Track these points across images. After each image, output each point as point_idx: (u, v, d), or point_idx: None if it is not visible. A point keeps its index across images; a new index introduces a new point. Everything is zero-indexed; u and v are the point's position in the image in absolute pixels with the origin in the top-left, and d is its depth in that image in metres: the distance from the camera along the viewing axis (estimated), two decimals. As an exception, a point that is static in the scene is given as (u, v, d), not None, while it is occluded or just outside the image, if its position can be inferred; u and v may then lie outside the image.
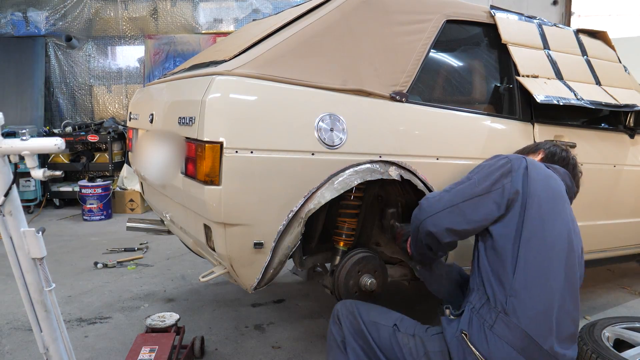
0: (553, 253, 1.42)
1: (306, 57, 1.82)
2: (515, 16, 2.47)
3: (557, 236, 1.43)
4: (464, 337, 1.41)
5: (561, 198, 1.51)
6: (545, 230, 1.42)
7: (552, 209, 1.46)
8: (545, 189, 1.48)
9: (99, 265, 3.62)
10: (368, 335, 1.54)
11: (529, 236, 1.41)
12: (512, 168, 1.49)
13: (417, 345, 1.49)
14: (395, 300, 2.99)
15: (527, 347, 1.35)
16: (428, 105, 2.05)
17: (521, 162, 1.51)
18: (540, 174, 1.50)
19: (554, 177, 1.55)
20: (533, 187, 1.46)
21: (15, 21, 6.62)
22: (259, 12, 6.59)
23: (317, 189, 1.76)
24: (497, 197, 1.45)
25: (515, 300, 1.38)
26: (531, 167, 1.50)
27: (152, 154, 2.24)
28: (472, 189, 1.49)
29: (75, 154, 6.05)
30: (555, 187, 1.52)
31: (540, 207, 1.44)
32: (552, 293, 1.39)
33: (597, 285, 3.42)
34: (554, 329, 1.38)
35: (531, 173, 1.48)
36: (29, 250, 1.36)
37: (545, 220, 1.43)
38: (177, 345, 2.16)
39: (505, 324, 1.38)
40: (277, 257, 1.77)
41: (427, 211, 1.53)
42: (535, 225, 1.42)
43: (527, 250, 1.40)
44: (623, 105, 2.54)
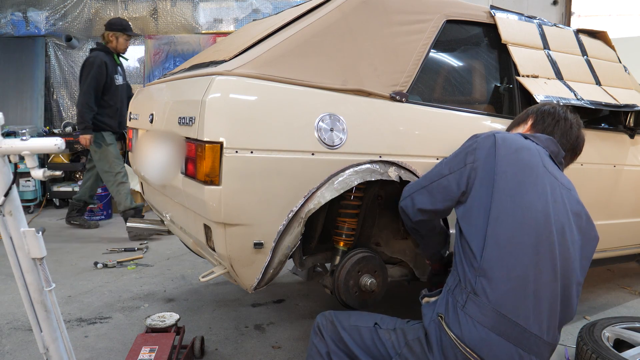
0: (523, 227, 1.38)
1: (306, 57, 1.82)
2: (515, 16, 2.47)
3: (528, 209, 1.39)
4: (440, 320, 1.43)
5: (533, 170, 1.45)
6: (515, 206, 1.39)
7: (521, 182, 1.42)
8: (514, 162, 1.45)
9: (99, 265, 3.62)
10: (350, 340, 1.54)
11: (497, 214, 1.40)
12: (477, 146, 1.51)
13: (399, 338, 1.50)
14: (395, 301, 2.99)
15: (499, 323, 1.34)
16: (428, 105, 2.05)
17: (488, 139, 1.51)
18: (509, 147, 1.48)
19: (526, 147, 1.50)
20: (500, 163, 1.44)
21: (15, 21, 6.62)
22: (259, 12, 6.59)
23: (317, 189, 1.76)
24: (458, 176, 1.50)
25: (484, 280, 1.37)
26: (500, 143, 1.48)
27: (152, 154, 2.24)
28: (440, 170, 1.57)
29: (75, 154, 6.05)
30: (527, 158, 1.47)
31: (507, 183, 1.42)
32: (523, 268, 1.36)
33: (597, 285, 3.42)
34: (530, 305, 1.36)
35: (499, 149, 1.47)
36: (29, 250, 1.37)
37: (515, 195, 1.40)
38: (177, 345, 2.16)
39: (475, 303, 1.37)
40: (277, 257, 1.77)
41: (403, 194, 1.69)
42: (504, 201, 1.40)
43: (496, 227, 1.39)
44: (623, 105, 2.54)
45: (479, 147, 1.51)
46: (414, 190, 1.64)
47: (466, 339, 1.36)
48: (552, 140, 1.63)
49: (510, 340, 1.35)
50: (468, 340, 1.36)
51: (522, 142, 1.53)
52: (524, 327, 1.35)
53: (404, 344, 1.48)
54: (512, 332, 1.35)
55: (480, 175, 1.47)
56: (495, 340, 1.34)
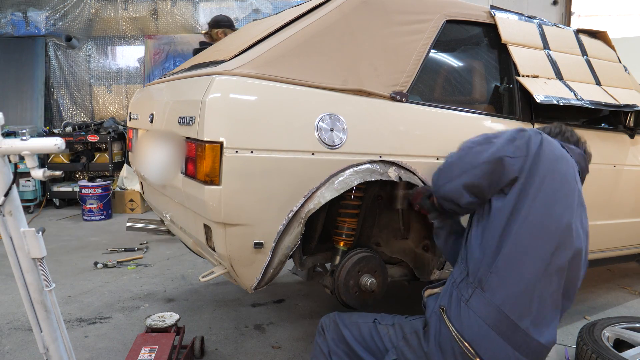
0: (546, 236, 1.39)
1: (306, 57, 1.82)
2: (515, 16, 2.47)
3: (555, 220, 1.40)
4: (442, 312, 1.43)
5: (568, 182, 1.45)
6: (544, 213, 1.39)
7: (555, 191, 1.41)
8: (553, 170, 1.43)
9: (99, 265, 3.62)
10: (350, 336, 1.57)
11: (525, 216, 1.38)
12: (530, 139, 1.44)
13: (397, 332, 1.52)
14: (395, 301, 2.99)
15: (500, 323, 1.35)
16: (428, 105, 2.05)
17: (537, 136, 1.46)
18: (552, 153, 1.45)
19: (565, 158, 1.49)
20: (541, 165, 1.41)
21: (15, 21, 6.62)
22: (259, 12, 6.59)
23: (317, 189, 1.76)
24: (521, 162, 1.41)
25: (495, 277, 1.37)
26: (546, 144, 1.45)
27: (152, 154, 2.24)
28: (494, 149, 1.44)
29: (75, 154, 6.06)
30: (564, 170, 1.46)
31: (544, 188, 1.40)
32: (536, 274, 1.37)
33: (597, 285, 3.42)
34: (534, 309, 1.37)
35: (545, 150, 1.43)
36: (29, 250, 1.36)
37: (546, 203, 1.39)
38: (177, 345, 2.16)
39: (480, 299, 1.38)
40: (277, 257, 1.78)
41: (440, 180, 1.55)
42: (536, 206, 1.39)
43: (521, 229, 1.38)
44: (623, 105, 2.54)
45: (531, 141, 1.44)
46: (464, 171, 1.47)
47: (466, 333, 1.37)
48: (583, 157, 1.64)
49: (509, 341, 1.35)
50: (467, 335, 1.37)
51: (561, 151, 1.52)
52: (525, 332, 1.36)
53: (401, 337, 1.51)
54: (513, 335, 1.35)
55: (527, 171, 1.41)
56: (494, 339, 1.35)
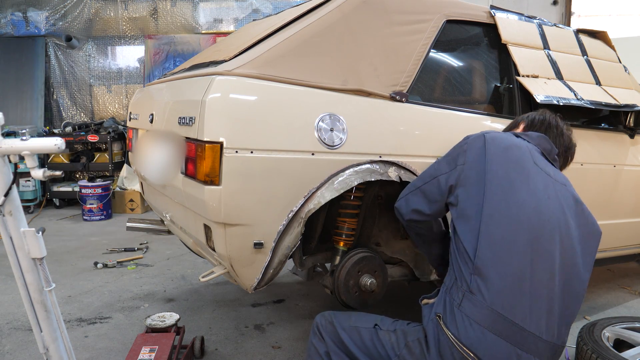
0: (516, 225, 1.38)
1: (306, 57, 1.82)
2: (515, 16, 2.47)
3: (520, 207, 1.40)
4: (438, 320, 1.43)
5: (523, 167, 1.46)
6: (507, 204, 1.40)
7: (512, 180, 1.43)
8: (504, 161, 1.46)
9: (99, 265, 3.62)
10: (349, 341, 1.54)
11: (491, 212, 1.40)
12: (467, 148, 1.54)
13: (399, 338, 1.50)
14: (396, 301, 2.99)
15: (495, 322, 1.34)
16: (428, 105, 2.05)
17: (478, 140, 1.52)
18: (499, 146, 1.49)
19: (515, 145, 1.51)
20: (490, 162, 1.46)
21: (15, 21, 6.63)
22: (259, 12, 6.59)
23: (317, 189, 1.76)
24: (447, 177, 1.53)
25: (478, 279, 1.37)
26: (489, 142, 1.50)
27: (152, 154, 2.24)
28: (433, 172, 1.60)
29: (75, 154, 6.06)
30: (516, 156, 1.48)
31: (499, 181, 1.43)
32: (518, 266, 1.36)
33: (597, 285, 3.42)
34: (526, 303, 1.35)
35: (489, 149, 1.48)
36: (29, 250, 1.36)
37: (506, 194, 1.41)
38: (177, 345, 2.16)
39: (470, 302, 1.37)
40: (277, 257, 1.77)
41: (400, 195, 1.71)
42: (496, 200, 1.41)
43: (489, 226, 1.39)
44: (623, 105, 2.54)
45: (469, 149, 1.53)
46: (409, 192, 1.67)
47: (463, 338, 1.36)
48: (544, 138, 1.63)
49: (507, 339, 1.34)
50: (465, 340, 1.36)
51: (511, 140, 1.54)
52: (521, 326, 1.35)
53: (403, 345, 1.48)
54: (509, 332, 1.34)
55: (471, 175, 1.48)
56: (492, 340, 1.34)
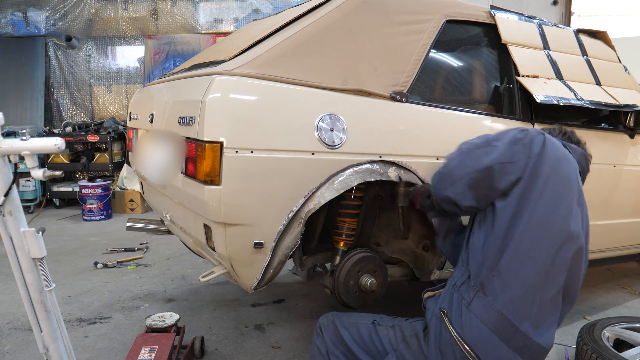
0: (549, 239, 1.38)
1: (306, 57, 1.82)
2: (515, 16, 2.47)
3: (558, 223, 1.39)
4: (442, 315, 1.42)
5: (570, 183, 1.43)
6: (547, 216, 1.38)
7: (558, 194, 1.40)
8: (556, 172, 1.41)
9: (99, 265, 3.62)
10: (348, 337, 1.56)
11: (530, 220, 1.37)
12: (531, 141, 1.42)
13: (396, 334, 1.51)
14: (395, 301, 2.99)
15: (502, 327, 1.35)
16: (428, 105, 2.05)
17: (539, 137, 1.44)
18: (555, 154, 1.43)
19: (568, 159, 1.47)
20: (544, 167, 1.40)
21: (15, 21, 6.62)
22: (259, 12, 6.59)
23: (317, 189, 1.76)
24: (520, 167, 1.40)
25: (497, 281, 1.36)
26: (548, 144, 1.43)
27: (152, 154, 2.24)
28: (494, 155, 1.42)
29: (75, 154, 6.06)
30: (567, 170, 1.44)
31: (547, 191, 1.38)
32: (537, 278, 1.36)
33: (597, 285, 3.42)
34: (534, 312, 1.36)
35: (547, 151, 1.42)
36: (29, 250, 1.36)
37: (550, 206, 1.38)
38: (177, 345, 2.16)
39: (481, 302, 1.37)
40: (277, 257, 1.78)
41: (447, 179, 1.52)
42: (539, 209, 1.37)
43: (524, 232, 1.37)
44: (623, 105, 2.54)
45: (533, 143, 1.42)
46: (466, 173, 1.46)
47: (467, 337, 1.36)
48: (585, 156, 1.60)
49: (510, 345, 1.35)
50: (469, 339, 1.36)
51: (564, 151, 1.49)
52: (525, 334, 1.35)
53: (401, 339, 1.49)
54: (514, 338, 1.35)
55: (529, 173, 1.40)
56: (495, 344, 1.34)
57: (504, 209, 1.40)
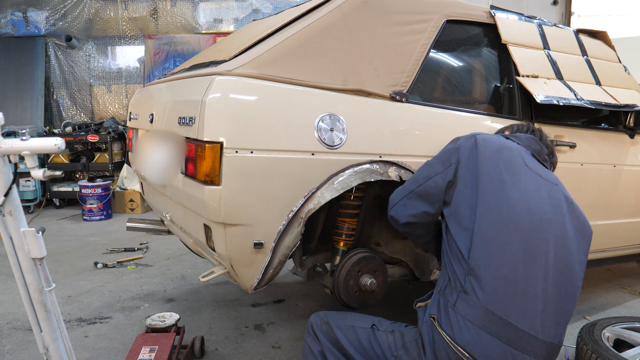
0: (509, 225, 1.39)
1: (306, 57, 1.82)
2: (515, 16, 2.47)
3: (512, 207, 1.40)
4: (433, 321, 1.43)
5: (515, 168, 1.47)
6: (499, 204, 1.40)
7: (503, 181, 1.43)
8: (495, 162, 1.46)
9: (99, 265, 3.62)
10: (345, 340, 1.54)
11: (482, 213, 1.40)
12: (459, 147, 1.53)
13: (396, 339, 1.50)
14: (395, 301, 2.99)
15: (490, 322, 1.34)
16: (428, 105, 2.05)
17: (469, 140, 1.52)
18: (490, 147, 1.49)
19: (507, 147, 1.52)
20: (482, 163, 1.46)
21: (15, 21, 6.62)
22: (259, 12, 6.59)
23: (317, 189, 1.76)
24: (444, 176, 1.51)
25: (472, 279, 1.37)
26: (480, 143, 1.50)
27: (152, 154, 2.24)
28: (426, 173, 1.57)
29: (75, 154, 6.06)
30: (508, 157, 1.49)
31: (490, 182, 1.43)
32: (511, 266, 1.36)
33: (597, 285, 3.42)
34: (518, 303, 1.35)
35: (480, 150, 1.48)
36: (29, 250, 1.36)
37: (498, 194, 1.41)
38: (177, 345, 2.16)
39: (465, 302, 1.38)
40: (277, 257, 1.77)
41: (391, 201, 1.67)
42: (488, 200, 1.41)
43: (482, 226, 1.39)
44: (623, 105, 2.54)
45: (461, 148, 1.53)
46: (403, 196, 1.62)
47: (458, 338, 1.36)
48: (532, 139, 1.63)
49: (502, 339, 1.34)
50: (460, 340, 1.36)
51: (503, 142, 1.55)
52: (515, 326, 1.35)
53: (400, 345, 1.48)
54: (504, 331, 1.35)
55: (465, 175, 1.48)
56: (487, 340, 1.34)
57: (452, 213, 1.48)
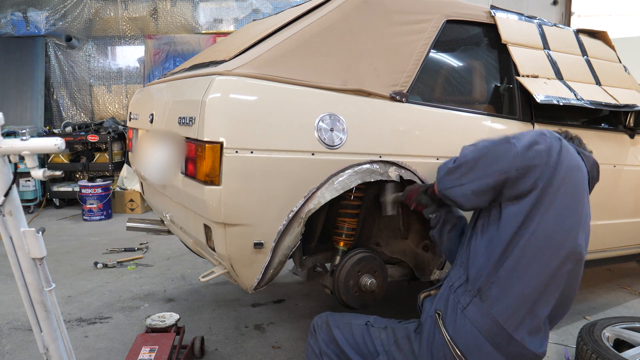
0: (552, 250, 1.35)
1: (306, 57, 1.82)
2: (515, 16, 2.47)
3: (563, 234, 1.36)
4: (437, 317, 1.42)
5: (579, 194, 1.39)
6: (555, 227, 1.34)
7: (567, 205, 1.35)
8: (568, 181, 1.36)
9: (99, 265, 3.62)
10: (341, 337, 1.55)
11: (536, 227, 1.32)
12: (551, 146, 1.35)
13: (389, 335, 1.51)
14: (395, 301, 2.99)
15: (495, 334, 1.34)
16: (428, 105, 2.05)
17: (557, 143, 1.37)
18: (570, 162, 1.38)
19: (580, 167, 1.42)
20: (558, 175, 1.33)
21: (15, 21, 6.62)
22: (259, 12, 6.59)
23: (317, 189, 1.76)
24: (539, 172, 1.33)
25: (496, 288, 1.35)
26: (564, 152, 1.37)
27: (152, 154, 2.24)
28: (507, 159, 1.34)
29: (75, 154, 6.06)
30: (579, 180, 1.40)
31: (557, 200, 1.34)
32: (535, 288, 1.35)
33: (597, 285, 3.42)
34: (528, 322, 1.36)
35: (563, 159, 1.35)
36: (29, 250, 1.36)
37: (558, 216, 1.34)
38: (177, 345, 2.16)
39: (477, 308, 1.36)
40: (277, 257, 1.78)
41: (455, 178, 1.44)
42: (547, 218, 1.33)
43: (529, 241, 1.33)
44: (623, 105, 2.54)
45: (552, 149, 1.35)
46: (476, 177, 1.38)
47: (459, 341, 1.36)
48: (596, 166, 1.53)
49: (502, 353, 1.35)
50: (461, 343, 1.36)
51: (578, 159, 1.43)
52: (519, 342, 1.35)
53: (392, 341, 1.49)
54: (507, 346, 1.35)
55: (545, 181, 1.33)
56: (487, 350, 1.34)
57: (513, 216, 1.35)
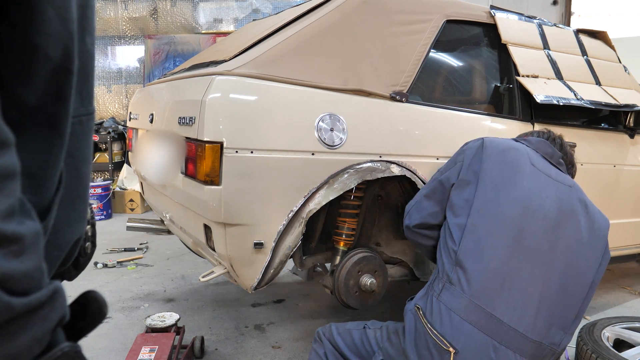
0: (504, 221, 1.41)
1: (306, 57, 1.82)
2: (515, 16, 2.47)
3: (511, 204, 1.43)
4: (417, 310, 1.46)
5: (519, 167, 1.50)
6: (497, 201, 1.44)
7: (506, 179, 1.47)
8: (500, 161, 1.50)
9: (99, 265, 3.62)
10: (342, 343, 1.61)
11: (479, 207, 1.44)
12: (465, 148, 1.60)
13: (383, 333, 1.56)
14: (395, 301, 2.99)
15: (472, 313, 1.36)
16: (428, 105, 2.05)
17: (477, 142, 1.59)
18: (496, 148, 1.53)
19: (513, 148, 1.55)
20: (486, 162, 1.50)
21: (15, 21, 6.62)
22: (259, 12, 6.59)
23: (317, 189, 1.76)
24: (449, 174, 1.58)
25: (460, 270, 1.41)
26: (487, 144, 1.55)
27: (152, 154, 2.24)
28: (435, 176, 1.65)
29: (75, 154, 6.05)
30: (513, 157, 1.52)
31: (492, 179, 1.47)
32: (501, 261, 1.38)
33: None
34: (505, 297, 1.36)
35: (486, 150, 1.53)
36: (29, 250, 1.36)
37: (498, 191, 1.45)
38: (177, 345, 2.16)
39: (449, 292, 1.40)
40: (277, 257, 1.78)
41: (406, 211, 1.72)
42: (487, 196, 1.45)
43: (476, 220, 1.43)
44: (623, 105, 2.54)
45: (467, 149, 1.59)
46: (416, 201, 1.68)
47: (438, 326, 1.38)
48: (543, 142, 1.64)
49: (484, 330, 1.35)
50: (439, 327, 1.38)
51: (510, 143, 1.58)
52: (499, 319, 1.35)
53: (386, 338, 1.54)
54: (487, 324, 1.36)
55: (468, 174, 1.52)
56: (468, 330, 1.35)
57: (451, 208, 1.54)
